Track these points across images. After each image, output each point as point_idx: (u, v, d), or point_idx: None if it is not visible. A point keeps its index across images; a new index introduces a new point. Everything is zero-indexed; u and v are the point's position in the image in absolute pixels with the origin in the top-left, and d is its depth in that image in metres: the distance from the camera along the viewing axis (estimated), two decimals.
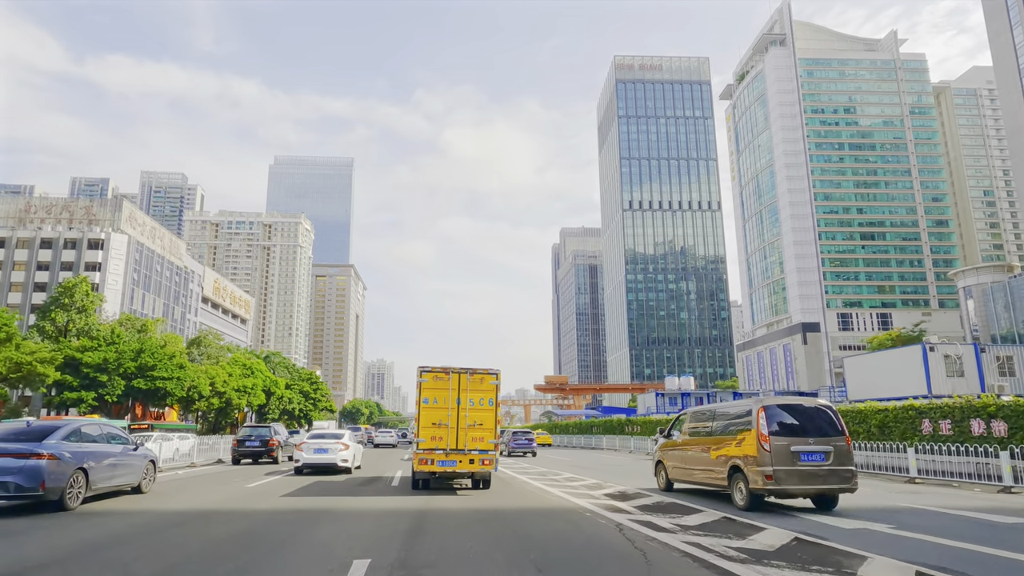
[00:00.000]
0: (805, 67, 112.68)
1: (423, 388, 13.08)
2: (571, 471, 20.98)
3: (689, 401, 50.95)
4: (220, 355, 74.90)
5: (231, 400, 66.63)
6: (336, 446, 19.01)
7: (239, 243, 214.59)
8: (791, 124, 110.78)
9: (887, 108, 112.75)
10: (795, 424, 10.35)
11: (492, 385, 13.42)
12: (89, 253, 75.57)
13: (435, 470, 13.08)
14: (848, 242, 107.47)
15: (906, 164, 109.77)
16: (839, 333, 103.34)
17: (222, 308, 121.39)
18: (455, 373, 13.27)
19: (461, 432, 13.01)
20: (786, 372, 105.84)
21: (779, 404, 10.64)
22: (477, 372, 13.41)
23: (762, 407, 10.45)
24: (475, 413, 13.16)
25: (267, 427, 25.43)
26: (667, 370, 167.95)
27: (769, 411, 10.40)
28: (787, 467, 9.93)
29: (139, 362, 51.07)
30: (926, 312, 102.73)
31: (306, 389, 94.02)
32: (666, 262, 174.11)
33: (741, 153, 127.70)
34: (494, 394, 13.44)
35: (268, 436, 24.56)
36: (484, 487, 14.02)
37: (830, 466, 10.11)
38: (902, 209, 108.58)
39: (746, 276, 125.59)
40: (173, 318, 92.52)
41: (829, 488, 10.13)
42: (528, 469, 22.08)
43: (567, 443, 50.76)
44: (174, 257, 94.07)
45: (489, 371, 13.52)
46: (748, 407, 10.83)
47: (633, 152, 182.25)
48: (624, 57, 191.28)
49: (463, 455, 12.96)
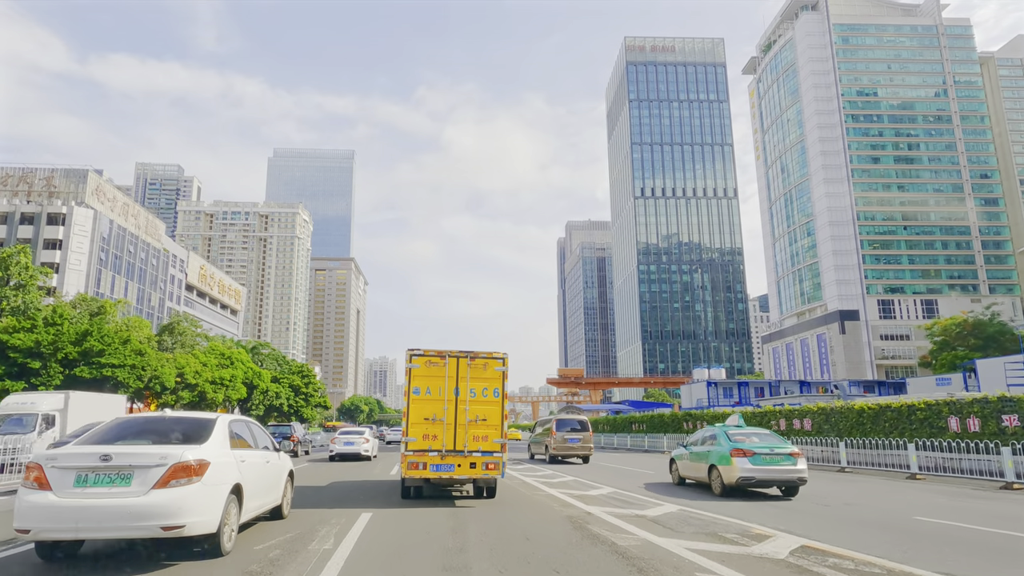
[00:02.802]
0: (839, 33, 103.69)
1: (413, 375, 11.12)
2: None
3: (748, 391, 42.53)
4: (196, 343, 66.50)
5: (205, 393, 58.12)
6: (360, 440, 25.72)
7: (235, 234, 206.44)
8: (825, 95, 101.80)
9: (928, 78, 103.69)
10: (568, 422, 25.78)
11: (498, 372, 11.33)
12: (49, 229, 67.20)
13: (428, 476, 11.01)
14: (888, 222, 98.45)
15: (951, 138, 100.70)
16: (880, 321, 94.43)
17: (209, 297, 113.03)
18: (453, 357, 11.25)
19: (460, 429, 10.99)
20: (820, 364, 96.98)
21: (559, 418, 26.40)
22: (479, 356, 11.37)
23: (555, 419, 26.16)
24: (477, 406, 11.12)
25: (288, 425, 31.18)
26: (682, 365, 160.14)
27: (559, 422, 25.60)
28: (561, 444, 24.44)
29: (84, 347, 42.56)
30: (975, 298, 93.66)
31: (296, 383, 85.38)
32: (680, 252, 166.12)
33: (766, 131, 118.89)
34: (500, 382, 11.32)
35: (290, 433, 29.51)
36: (489, 496, 11.88)
37: (581, 444, 24.57)
38: (947, 187, 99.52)
39: (772, 262, 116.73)
40: (150, 305, 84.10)
41: (580, 455, 24.82)
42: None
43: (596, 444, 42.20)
44: (151, 238, 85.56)
45: (494, 355, 11.44)
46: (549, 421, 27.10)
47: (645, 137, 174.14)
48: (635, 38, 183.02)
49: (463, 457, 10.94)
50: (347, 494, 12.49)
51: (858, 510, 10.57)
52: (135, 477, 5.88)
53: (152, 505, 5.76)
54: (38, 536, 5.78)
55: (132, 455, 6.00)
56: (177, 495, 5.88)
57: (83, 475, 5.86)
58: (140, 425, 7.01)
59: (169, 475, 5.93)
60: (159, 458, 5.99)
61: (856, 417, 19.14)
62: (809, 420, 21.38)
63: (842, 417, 19.90)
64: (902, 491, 13.56)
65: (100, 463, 5.89)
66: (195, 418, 7.28)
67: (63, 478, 5.81)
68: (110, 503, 5.73)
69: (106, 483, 5.85)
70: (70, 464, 5.88)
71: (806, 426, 21.56)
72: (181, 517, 5.83)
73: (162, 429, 6.88)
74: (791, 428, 22.34)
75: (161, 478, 5.90)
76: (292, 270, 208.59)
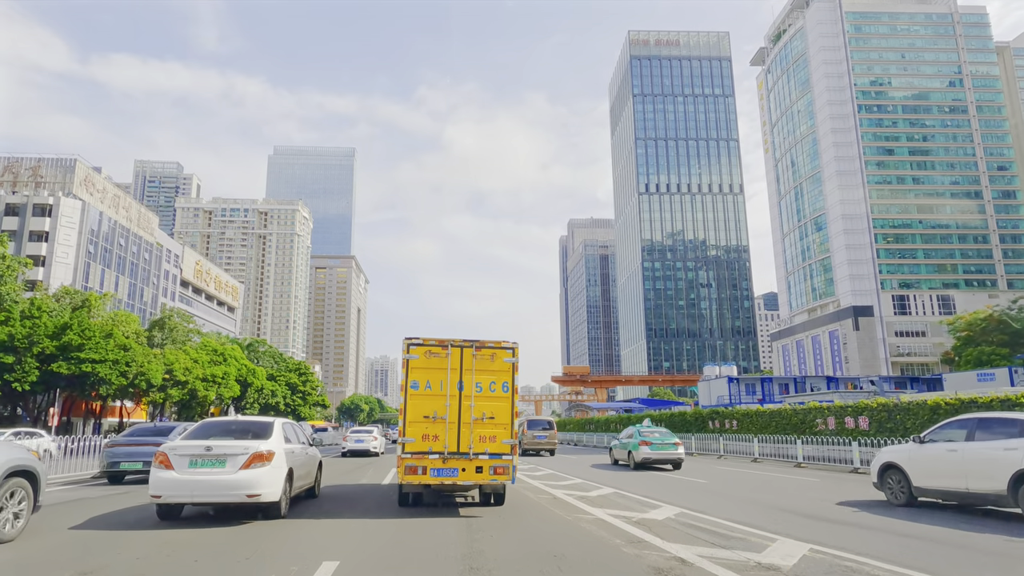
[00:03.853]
0: (852, 22, 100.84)
1: (411, 367, 9.79)
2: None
3: (772, 387, 39.78)
4: (188, 339, 63.87)
5: (196, 391, 55.49)
6: (369, 438, 29.35)
7: (233, 231, 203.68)
8: (837, 85, 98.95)
9: (944, 67, 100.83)
10: (539, 422, 31.15)
11: (508, 364, 9.92)
12: (35, 221, 64.44)
13: (428, 481, 9.62)
14: (903, 216, 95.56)
15: (967, 129, 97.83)
16: (895, 318, 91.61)
17: (206, 293, 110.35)
18: (456, 347, 9.87)
19: (464, 429, 9.65)
20: (833, 361, 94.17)
21: (530, 419, 31.74)
22: (487, 345, 9.94)
23: (527, 420, 31.69)
24: (484, 402, 9.75)
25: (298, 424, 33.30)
26: (687, 363, 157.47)
27: (529, 422, 31.04)
28: (529, 440, 29.90)
29: (62, 341, 39.94)
30: (992, 293, 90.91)
31: (293, 381, 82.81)
32: (684, 249, 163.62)
33: (775, 124, 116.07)
34: (510, 375, 9.89)
35: None
36: (497, 503, 10.52)
37: (547, 440, 30.14)
38: (963, 179, 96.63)
39: (781, 258, 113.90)
40: (142, 301, 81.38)
41: (547, 448, 30.25)
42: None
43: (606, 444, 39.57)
44: (143, 231, 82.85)
45: (503, 344, 9.99)
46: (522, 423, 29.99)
47: (649, 132, 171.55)
48: (639, 32, 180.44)
49: (467, 461, 9.60)
50: (346, 498, 12.12)
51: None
52: (228, 461, 8.43)
53: (240, 480, 8.31)
54: (166, 500, 8.29)
55: (226, 446, 8.56)
56: (256, 474, 8.43)
57: (194, 460, 8.41)
58: (224, 426, 9.64)
59: (250, 460, 8.47)
60: (243, 448, 8.56)
61: (928, 414, 16.43)
62: (866, 418, 18.63)
63: (909, 414, 17.20)
64: None
65: (205, 452, 8.45)
66: (261, 421, 9.84)
67: (181, 462, 8.35)
68: (212, 478, 8.31)
69: (209, 465, 8.42)
70: (185, 452, 8.43)
71: (862, 424, 18.83)
72: (258, 489, 8.36)
73: (240, 429, 9.46)
74: (842, 427, 19.63)
75: (245, 462, 8.44)
76: (292, 268, 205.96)
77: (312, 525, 8.39)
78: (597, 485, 14.41)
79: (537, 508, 10.41)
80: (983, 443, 8.94)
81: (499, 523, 8.77)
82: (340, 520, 8.92)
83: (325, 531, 7.98)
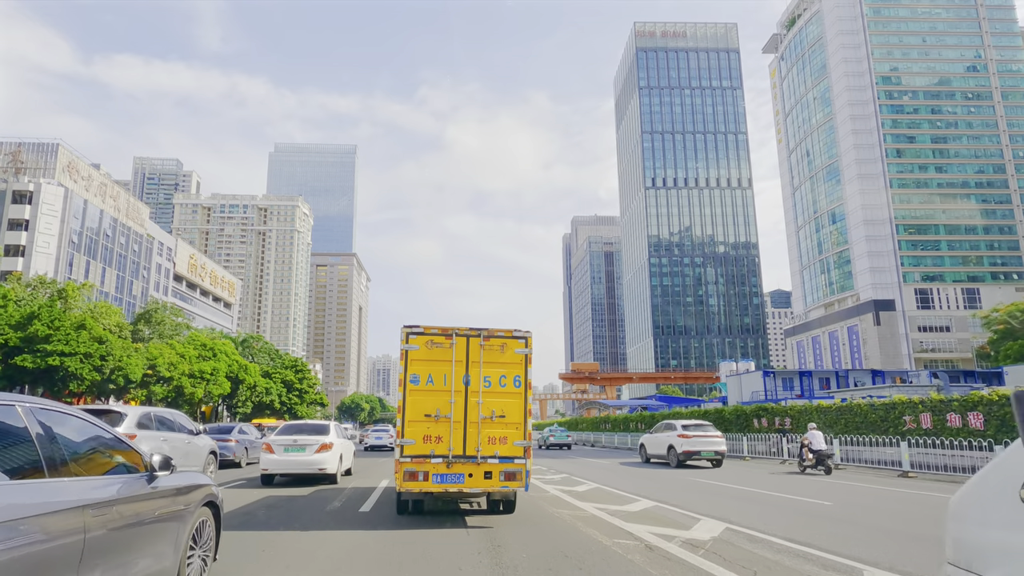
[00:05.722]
0: (871, 4, 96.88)
1: (411, 359, 8.64)
2: None
3: (812, 382, 36.04)
4: (177, 333, 60.30)
5: (182, 388, 51.88)
6: (386, 435, 32.32)
7: (232, 228, 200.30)
8: (856, 70, 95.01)
9: (966, 52, 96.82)
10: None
11: (520, 355, 8.80)
12: (14, 208, 60.90)
13: (431, 488, 8.45)
14: (926, 206, 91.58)
15: (991, 115, 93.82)
16: (918, 312, 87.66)
17: (200, 288, 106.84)
18: (461, 336, 8.77)
19: (471, 428, 8.57)
20: (852, 357, 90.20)
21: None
22: (496, 335, 8.80)
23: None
24: (493, 399, 8.66)
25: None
26: (695, 361, 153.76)
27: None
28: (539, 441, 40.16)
29: (27, 332, 36.33)
30: (1020, 287, 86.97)
31: (290, 379, 79.14)
32: (692, 245, 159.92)
33: (788, 113, 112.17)
34: (523, 369, 8.78)
35: None
36: (506, 511, 9.55)
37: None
38: (989, 168, 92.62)
39: (796, 251, 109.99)
40: (131, 295, 77.80)
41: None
42: None
43: (623, 444, 35.86)
44: (133, 222, 79.24)
45: (515, 332, 8.84)
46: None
47: (655, 126, 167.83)
48: (645, 24, 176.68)
49: (475, 465, 8.51)
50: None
51: None
52: (307, 449, 13.99)
53: (315, 460, 13.87)
54: (270, 472, 13.99)
55: (305, 439, 14.21)
56: (323, 456, 13.99)
57: (287, 447, 13.98)
58: (300, 426, 15.36)
59: (320, 448, 14.09)
60: (315, 440, 14.22)
61: None
62: (980, 414, 14.91)
63: None
64: None
65: (293, 442, 14.05)
66: (322, 423, 15.64)
67: (279, 449, 13.87)
68: (298, 459, 13.87)
69: (296, 451, 13.98)
70: (281, 443, 14.02)
71: (973, 423, 15.09)
72: (325, 465, 13.92)
73: (311, 428, 15.18)
74: (942, 425, 15.85)
75: (317, 448, 14.03)
76: (292, 265, 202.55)
77: (353, 485, 13.94)
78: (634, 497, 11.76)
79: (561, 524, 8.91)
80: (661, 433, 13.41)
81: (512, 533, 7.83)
82: (370, 483, 14.31)
83: (362, 487, 13.31)
